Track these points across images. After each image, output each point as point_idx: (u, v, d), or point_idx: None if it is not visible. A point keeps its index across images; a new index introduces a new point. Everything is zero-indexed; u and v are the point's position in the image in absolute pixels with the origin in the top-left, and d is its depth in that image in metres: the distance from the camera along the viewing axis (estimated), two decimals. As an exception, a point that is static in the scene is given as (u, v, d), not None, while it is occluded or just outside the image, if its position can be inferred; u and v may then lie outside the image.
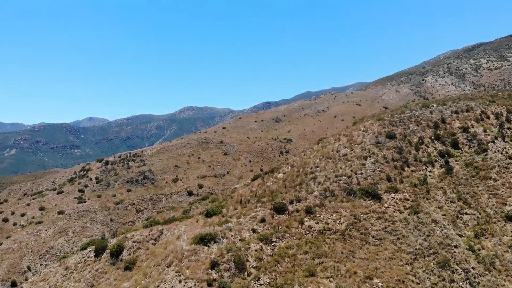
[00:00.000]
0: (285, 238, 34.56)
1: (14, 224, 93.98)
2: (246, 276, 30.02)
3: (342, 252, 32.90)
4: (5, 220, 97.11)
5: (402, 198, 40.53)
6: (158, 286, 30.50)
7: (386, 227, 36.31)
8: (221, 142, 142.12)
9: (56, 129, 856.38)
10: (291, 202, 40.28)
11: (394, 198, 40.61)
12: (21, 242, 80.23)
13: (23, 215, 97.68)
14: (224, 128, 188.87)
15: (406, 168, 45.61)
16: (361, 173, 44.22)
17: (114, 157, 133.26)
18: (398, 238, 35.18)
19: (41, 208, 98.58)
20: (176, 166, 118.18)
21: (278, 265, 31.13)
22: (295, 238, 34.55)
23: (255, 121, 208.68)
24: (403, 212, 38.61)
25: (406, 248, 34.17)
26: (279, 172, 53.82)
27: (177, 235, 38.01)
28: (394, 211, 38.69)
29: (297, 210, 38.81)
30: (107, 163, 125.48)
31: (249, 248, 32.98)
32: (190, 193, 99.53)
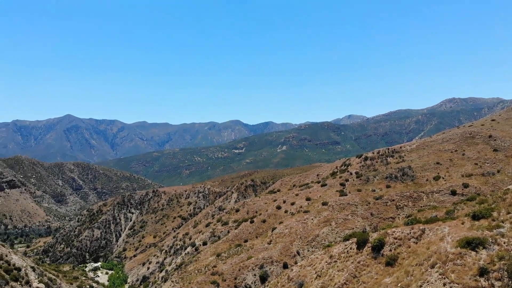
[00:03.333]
0: None
1: (286, 212, 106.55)
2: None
3: None
4: (278, 207, 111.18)
5: None
6: (420, 286, 29.36)
7: None
8: (490, 136, 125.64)
9: (319, 127, 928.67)
10: None
11: None
12: (291, 228, 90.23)
13: (292, 203, 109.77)
14: (493, 120, 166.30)
15: None
16: None
17: (373, 152, 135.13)
18: None
19: (308, 199, 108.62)
20: (437, 163, 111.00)
21: None
22: None
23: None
24: None
25: None
26: None
27: (440, 236, 35.69)
28: None
29: None
30: (366, 158, 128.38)
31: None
32: (453, 193, 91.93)
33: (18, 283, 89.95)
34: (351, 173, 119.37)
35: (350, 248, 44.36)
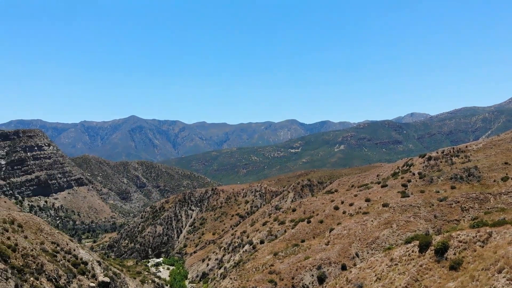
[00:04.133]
0: None
1: (344, 212, 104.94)
2: None
3: None
4: (336, 208, 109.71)
5: None
6: (487, 292, 27.99)
7: None
8: None
9: (379, 126, 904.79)
10: None
11: None
12: (349, 230, 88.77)
13: (351, 204, 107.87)
14: None
15: None
16: None
17: (437, 152, 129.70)
18: None
19: (367, 200, 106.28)
20: (506, 163, 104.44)
21: None
22: None
23: None
24: None
25: None
26: None
27: (508, 240, 33.79)
28: None
29: None
30: (429, 158, 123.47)
31: None
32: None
33: (85, 276, 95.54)
34: (413, 174, 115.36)
35: (412, 251, 43.06)
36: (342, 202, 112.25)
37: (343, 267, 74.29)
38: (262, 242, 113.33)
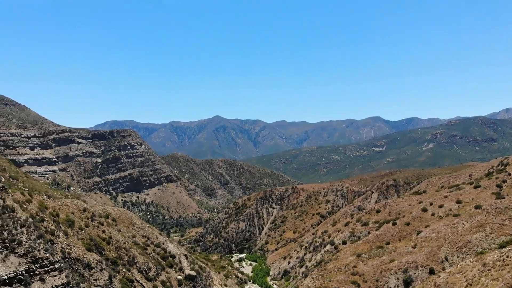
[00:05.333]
0: None
1: (432, 214, 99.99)
2: None
3: None
4: (424, 210, 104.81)
5: None
6: None
7: None
8: None
9: (472, 123, 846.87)
10: None
11: None
12: (438, 233, 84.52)
13: (440, 206, 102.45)
14: None
15: None
16: None
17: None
18: None
19: (458, 201, 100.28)
20: None
21: None
22: None
23: None
24: None
25: None
26: None
27: None
28: None
29: None
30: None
31: None
32: None
33: (173, 269, 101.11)
34: (509, 174, 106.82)
35: (507, 256, 40.26)
36: (431, 204, 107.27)
37: (431, 271, 71.26)
38: (344, 242, 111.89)
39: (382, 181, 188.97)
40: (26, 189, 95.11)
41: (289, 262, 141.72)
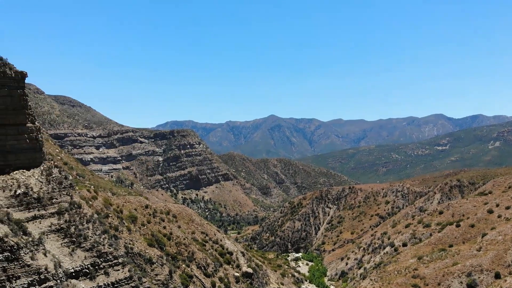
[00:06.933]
0: None
1: (499, 216, 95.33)
2: None
3: None
4: (490, 211, 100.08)
5: None
6: None
7: None
8: None
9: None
10: None
11: None
12: (505, 235, 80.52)
13: (507, 208, 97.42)
14: None
15: None
16: None
17: None
18: None
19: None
20: None
21: None
22: None
23: None
24: None
25: None
26: None
27: None
28: None
29: None
30: None
31: None
32: None
33: (230, 266, 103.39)
34: None
35: None
36: (497, 205, 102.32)
37: (497, 276, 68.24)
38: (404, 244, 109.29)
39: (445, 182, 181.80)
40: (92, 187, 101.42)
41: (346, 263, 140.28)
